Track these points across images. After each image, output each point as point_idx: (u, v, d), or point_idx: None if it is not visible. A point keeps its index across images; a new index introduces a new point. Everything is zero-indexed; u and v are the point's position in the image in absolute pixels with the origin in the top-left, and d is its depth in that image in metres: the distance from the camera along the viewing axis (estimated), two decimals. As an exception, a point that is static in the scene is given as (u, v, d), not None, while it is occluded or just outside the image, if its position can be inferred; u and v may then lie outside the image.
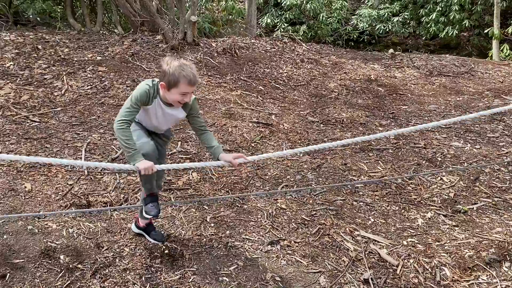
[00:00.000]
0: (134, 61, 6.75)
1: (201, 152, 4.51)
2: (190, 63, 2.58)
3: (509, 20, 12.27)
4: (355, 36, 13.91)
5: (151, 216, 2.89)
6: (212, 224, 3.38)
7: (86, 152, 4.31)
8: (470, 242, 3.23)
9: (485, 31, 11.60)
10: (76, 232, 3.17)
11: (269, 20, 13.04)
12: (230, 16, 11.87)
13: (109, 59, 6.71)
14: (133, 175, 3.99)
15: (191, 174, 4.10)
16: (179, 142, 4.67)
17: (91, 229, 3.21)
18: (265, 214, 3.55)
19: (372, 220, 3.55)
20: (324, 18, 12.83)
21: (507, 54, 10.84)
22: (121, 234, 3.20)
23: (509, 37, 10.89)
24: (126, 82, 6.03)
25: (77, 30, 8.61)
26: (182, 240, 3.18)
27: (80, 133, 4.69)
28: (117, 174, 3.99)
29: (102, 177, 3.95)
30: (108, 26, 11.39)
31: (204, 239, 3.20)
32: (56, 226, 3.21)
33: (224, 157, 2.75)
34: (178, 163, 4.28)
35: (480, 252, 3.11)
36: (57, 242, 3.04)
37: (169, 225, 3.35)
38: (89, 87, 5.81)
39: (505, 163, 4.42)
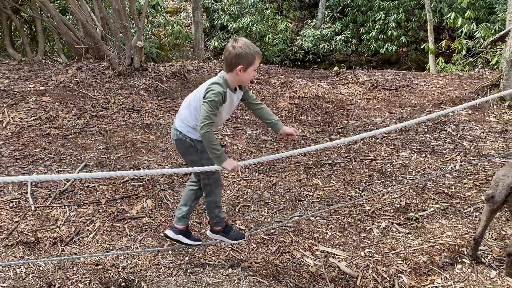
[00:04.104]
0: (80, 89, 6.57)
1: (154, 178, 4.42)
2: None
3: (442, 35, 13.11)
4: (301, 56, 14.32)
5: (239, 241, 3.12)
6: (170, 252, 3.30)
7: (32, 186, 4.10)
8: (423, 248, 3.35)
9: (421, 46, 12.33)
10: (25, 272, 2.98)
11: (216, 43, 13.18)
12: (178, 41, 11.89)
13: (53, 89, 6.49)
14: (83, 207, 3.83)
15: (146, 202, 4.00)
16: (131, 169, 4.56)
17: (41, 267, 3.04)
18: (224, 237, 3.50)
19: (330, 233, 3.60)
20: (270, 40, 13.15)
21: (442, 67, 11.57)
22: (74, 270, 3.04)
23: (443, 51, 11.62)
24: (72, 111, 5.85)
25: (17, 60, 8.29)
26: (139, 271, 3.07)
27: (25, 166, 4.47)
28: (66, 207, 3.82)
29: (51, 211, 3.76)
30: (50, 55, 11.07)
31: (163, 268, 3.11)
32: (2, 267, 3.01)
33: (285, 129, 3.00)
34: (131, 191, 4.17)
35: (434, 256, 3.23)
36: (3, 285, 2.84)
37: (125, 256, 3.23)
38: (32, 118, 5.58)
39: (450, 170, 4.65)
